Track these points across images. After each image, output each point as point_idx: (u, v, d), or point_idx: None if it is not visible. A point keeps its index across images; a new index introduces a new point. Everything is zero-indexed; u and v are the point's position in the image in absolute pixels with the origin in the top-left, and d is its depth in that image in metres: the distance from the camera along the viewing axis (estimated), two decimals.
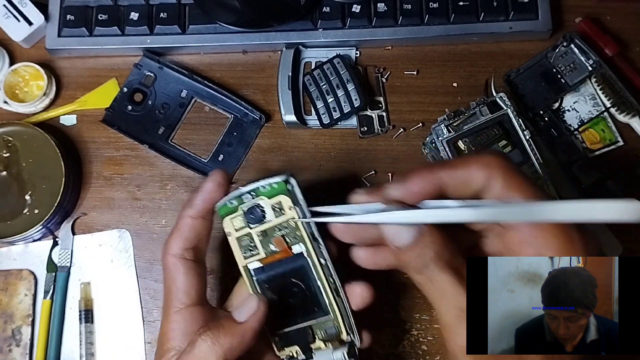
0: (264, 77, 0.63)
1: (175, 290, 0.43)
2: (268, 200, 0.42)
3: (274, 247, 0.42)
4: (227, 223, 0.43)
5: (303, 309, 0.43)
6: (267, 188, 0.42)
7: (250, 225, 0.42)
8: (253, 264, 0.43)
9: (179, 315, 0.42)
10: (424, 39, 0.62)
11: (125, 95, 0.62)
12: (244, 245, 0.42)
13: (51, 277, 0.58)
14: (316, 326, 0.43)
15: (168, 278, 0.44)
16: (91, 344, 0.57)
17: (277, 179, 0.41)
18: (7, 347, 0.57)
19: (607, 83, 0.59)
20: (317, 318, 0.43)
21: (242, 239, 0.43)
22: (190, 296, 0.43)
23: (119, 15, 0.62)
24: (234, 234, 0.43)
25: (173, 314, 0.43)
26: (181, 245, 0.43)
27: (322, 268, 0.42)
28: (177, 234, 0.43)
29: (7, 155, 0.59)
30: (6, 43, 0.64)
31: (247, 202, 0.42)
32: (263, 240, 0.42)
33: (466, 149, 0.56)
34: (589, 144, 0.59)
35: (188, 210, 0.43)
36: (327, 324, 0.42)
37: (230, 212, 0.43)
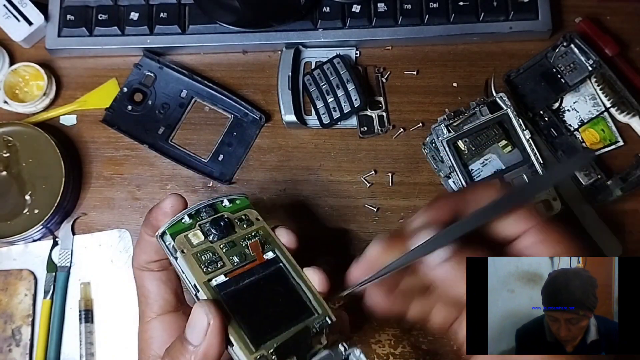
0: (264, 77, 0.63)
1: (145, 300, 0.43)
2: (232, 214, 0.41)
3: (243, 257, 0.40)
4: (181, 240, 0.40)
5: (289, 314, 0.40)
6: (228, 204, 0.42)
7: (213, 238, 0.40)
8: (218, 279, 0.39)
9: (151, 325, 0.42)
10: (424, 39, 0.62)
11: (125, 95, 0.62)
12: (204, 260, 0.39)
13: (51, 277, 0.58)
14: (306, 329, 0.39)
15: (138, 290, 0.44)
16: (91, 344, 0.57)
17: (238, 195, 0.42)
18: (7, 347, 0.57)
19: (607, 83, 0.59)
20: (306, 320, 0.40)
21: (201, 254, 0.39)
22: (160, 305, 0.43)
23: (119, 15, 0.62)
24: (189, 251, 0.39)
25: (146, 323, 0.43)
26: (144, 258, 0.43)
27: (294, 268, 0.41)
28: (139, 249, 0.43)
29: (7, 155, 0.59)
30: (6, 43, 0.64)
31: (207, 218, 0.41)
32: (229, 252, 0.40)
33: (466, 149, 0.56)
34: (589, 144, 0.59)
35: (145, 228, 0.42)
36: (316, 322, 0.41)
37: (183, 230, 0.40)
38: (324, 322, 0.40)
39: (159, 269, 0.43)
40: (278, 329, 0.38)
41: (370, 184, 0.60)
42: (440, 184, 0.60)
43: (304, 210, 0.60)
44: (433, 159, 0.59)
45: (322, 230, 0.59)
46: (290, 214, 0.60)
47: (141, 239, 0.43)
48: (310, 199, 0.60)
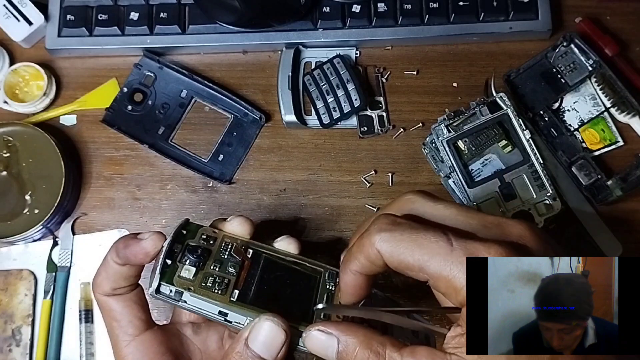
0: (264, 77, 0.63)
1: (117, 325, 0.41)
2: (194, 239, 0.40)
3: (235, 266, 0.40)
4: (180, 281, 0.38)
5: (303, 287, 0.42)
6: (185, 232, 0.40)
7: (201, 265, 0.39)
8: (233, 294, 0.39)
9: (130, 348, 0.41)
10: (424, 39, 0.62)
11: (125, 95, 0.62)
12: (212, 285, 0.39)
13: (51, 277, 0.58)
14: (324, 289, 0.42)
15: (106, 315, 0.41)
16: (91, 344, 0.57)
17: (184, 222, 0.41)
18: (7, 347, 0.57)
19: (607, 83, 0.59)
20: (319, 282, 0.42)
21: (205, 282, 0.39)
22: (135, 326, 0.41)
23: (119, 15, 0.62)
24: (194, 285, 0.38)
25: (124, 348, 0.41)
26: (110, 285, 0.41)
27: (272, 250, 0.43)
28: (104, 275, 0.41)
29: (7, 155, 0.59)
30: (6, 43, 0.64)
31: (180, 251, 0.39)
32: (222, 268, 0.40)
33: (466, 149, 0.56)
34: (589, 144, 0.59)
35: (114, 257, 0.40)
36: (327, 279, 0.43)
37: (173, 272, 0.38)
38: (331, 273, 0.43)
39: (127, 292, 0.41)
40: (306, 304, 0.41)
41: (370, 184, 0.60)
42: (440, 184, 0.60)
43: (304, 210, 0.60)
44: (433, 159, 0.59)
45: (322, 231, 0.59)
46: (290, 214, 0.60)
47: (107, 267, 0.40)
48: (310, 199, 0.60)
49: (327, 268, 0.43)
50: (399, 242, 0.33)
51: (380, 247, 0.34)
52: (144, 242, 0.39)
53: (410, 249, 0.33)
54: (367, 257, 0.35)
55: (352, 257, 0.36)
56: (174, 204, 0.60)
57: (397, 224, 0.34)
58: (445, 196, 0.59)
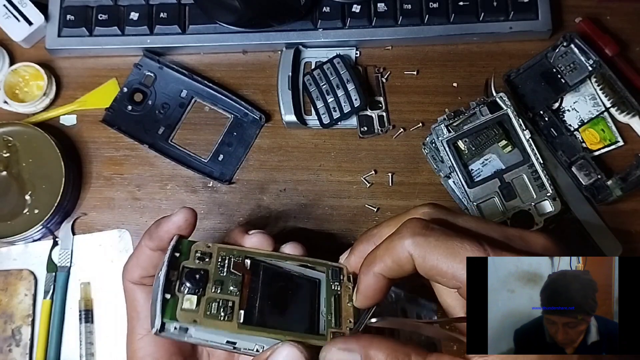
0: (264, 77, 0.63)
1: (136, 316, 0.41)
2: (189, 260, 0.38)
3: (235, 282, 0.38)
4: (184, 315, 0.36)
5: (308, 292, 0.41)
6: (179, 254, 0.38)
7: (202, 291, 0.37)
8: (239, 316, 0.37)
9: (143, 342, 0.41)
10: (424, 39, 0.62)
11: (125, 95, 0.62)
12: (217, 313, 0.37)
13: (51, 277, 0.58)
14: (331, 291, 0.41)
15: (128, 304, 0.42)
16: (91, 344, 0.57)
17: (176, 242, 0.38)
18: (7, 347, 0.57)
19: (607, 83, 0.59)
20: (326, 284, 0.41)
21: (209, 310, 0.37)
22: None
23: (119, 15, 0.62)
24: (199, 317, 0.36)
25: (137, 341, 0.41)
26: (139, 273, 0.41)
27: (271, 257, 0.41)
28: (135, 261, 0.41)
29: (7, 155, 0.59)
30: (6, 43, 0.64)
31: (177, 279, 0.37)
32: (223, 289, 0.38)
33: (466, 149, 0.56)
34: (589, 144, 0.59)
35: (147, 241, 0.40)
36: (331, 277, 0.41)
37: (175, 306, 0.36)
38: (334, 270, 0.41)
39: (151, 284, 0.40)
40: (312, 313, 0.39)
41: (370, 184, 0.60)
42: (440, 184, 0.60)
43: (303, 210, 0.60)
44: (433, 159, 0.59)
45: (322, 231, 0.59)
46: (290, 214, 0.60)
47: (140, 252, 0.41)
48: (310, 199, 0.60)
49: (330, 265, 0.42)
50: (433, 249, 0.33)
51: (414, 252, 0.33)
52: (174, 216, 0.39)
53: (445, 256, 0.32)
54: (396, 261, 0.34)
55: (378, 259, 0.35)
56: (174, 204, 0.60)
57: (432, 229, 0.33)
58: (445, 196, 0.59)
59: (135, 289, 0.41)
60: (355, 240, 0.41)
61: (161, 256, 0.39)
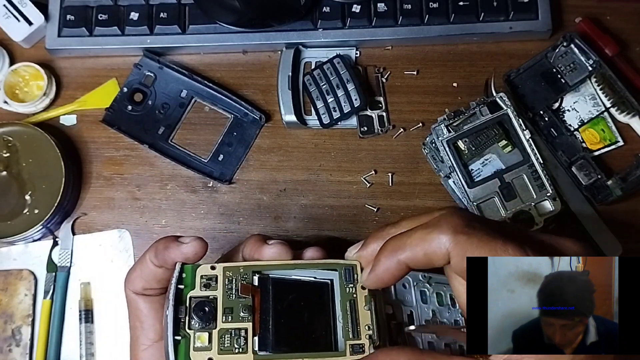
0: (264, 77, 0.63)
1: (140, 326, 0.40)
2: (195, 289, 0.36)
3: (245, 306, 0.36)
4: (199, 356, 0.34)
5: (320, 300, 0.39)
6: (183, 286, 0.36)
7: (212, 324, 0.35)
8: (254, 344, 0.35)
9: (147, 353, 0.40)
10: (424, 39, 0.62)
11: (125, 95, 0.62)
12: (230, 346, 0.35)
13: (51, 277, 0.58)
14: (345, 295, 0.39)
15: (131, 314, 0.40)
16: (91, 344, 0.57)
17: (177, 269, 0.36)
18: (7, 347, 0.57)
19: (607, 83, 0.59)
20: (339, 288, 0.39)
21: (223, 344, 0.35)
22: (156, 331, 0.40)
23: (119, 15, 0.62)
24: (213, 354, 0.35)
25: (141, 352, 0.40)
26: (142, 285, 0.40)
27: (278, 266, 0.39)
28: (139, 273, 0.39)
29: (7, 155, 0.59)
30: (6, 43, 0.64)
31: (187, 316, 0.35)
32: (234, 317, 0.36)
33: (466, 149, 0.56)
34: (589, 144, 0.59)
35: (152, 257, 0.38)
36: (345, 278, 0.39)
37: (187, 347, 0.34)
38: (347, 270, 0.39)
39: (157, 294, 0.40)
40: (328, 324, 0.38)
41: (370, 184, 0.60)
42: (440, 184, 0.60)
43: (304, 210, 0.60)
44: (433, 159, 0.59)
45: (322, 231, 0.59)
46: (290, 214, 0.60)
47: (143, 265, 0.39)
48: (310, 199, 0.60)
49: (342, 264, 0.39)
50: (475, 249, 0.31)
51: (453, 249, 0.32)
52: (184, 247, 0.37)
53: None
54: (429, 254, 0.32)
55: (408, 247, 0.33)
56: (174, 204, 0.60)
57: (474, 228, 0.32)
58: (445, 196, 0.59)
59: (138, 299, 0.40)
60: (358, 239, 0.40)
61: (165, 272, 0.38)
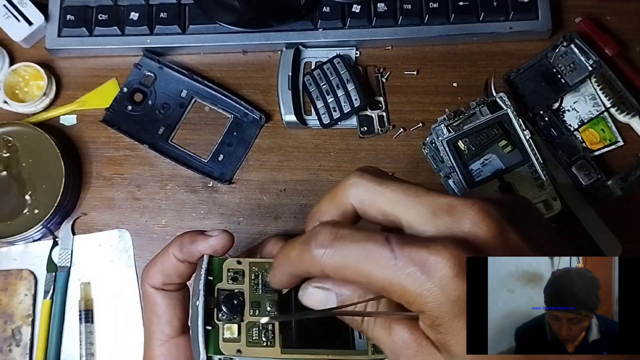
0: (264, 77, 0.63)
1: (157, 321, 0.40)
2: (222, 282, 0.36)
3: (272, 300, 0.37)
4: (227, 347, 0.35)
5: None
6: (211, 278, 0.36)
7: (241, 316, 0.36)
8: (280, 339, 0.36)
9: (163, 349, 0.39)
10: (424, 39, 0.62)
11: (125, 95, 0.62)
12: (259, 339, 0.35)
13: (51, 277, 0.58)
14: None
15: (148, 308, 0.40)
16: (91, 344, 0.57)
17: (206, 261, 0.37)
18: (7, 347, 0.57)
19: (607, 83, 0.59)
20: None
21: (251, 337, 0.35)
22: (173, 327, 0.40)
23: (119, 15, 0.62)
24: (242, 346, 0.35)
25: (157, 347, 0.39)
26: (162, 279, 0.39)
27: None
28: (159, 267, 0.39)
29: (7, 155, 0.59)
30: (6, 43, 0.64)
31: (216, 307, 0.35)
32: (261, 311, 0.36)
33: (466, 149, 0.56)
34: (589, 144, 0.59)
35: (175, 251, 0.38)
36: None
37: (216, 338, 0.35)
38: None
39: (175, 289, 0.40)
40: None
41: None
42: (440, 184, 0.60)
43: (304, 210, 0.60)
44: (433, 159, 0.59)
45: None
46: (290, 214, 0.60)
47: (166, 259, 0.39)
48: (310, 199, 0.60)
49: None
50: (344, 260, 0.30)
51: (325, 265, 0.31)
52: (212, 239, 0.37)
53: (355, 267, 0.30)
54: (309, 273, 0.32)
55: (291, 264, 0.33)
56: (174, 204, 0.60)
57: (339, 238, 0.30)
58: None
59: (157, 294, 0.40)
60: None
61: (187, 267, 0.38)
